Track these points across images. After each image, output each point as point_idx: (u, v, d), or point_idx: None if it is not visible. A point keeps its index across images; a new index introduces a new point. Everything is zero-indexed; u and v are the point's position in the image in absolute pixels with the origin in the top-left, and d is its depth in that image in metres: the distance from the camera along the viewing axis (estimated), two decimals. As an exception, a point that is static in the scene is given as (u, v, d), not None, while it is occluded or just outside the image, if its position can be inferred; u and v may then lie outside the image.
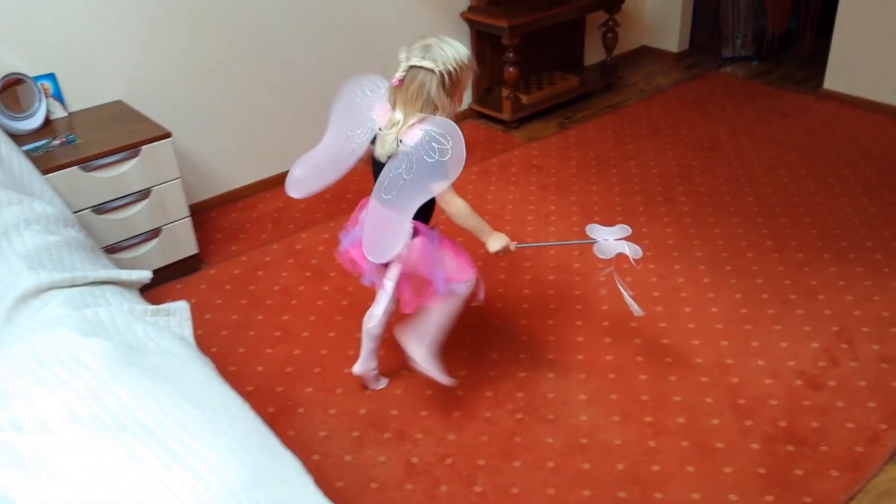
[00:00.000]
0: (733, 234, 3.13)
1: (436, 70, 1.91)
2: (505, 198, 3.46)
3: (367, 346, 2.31)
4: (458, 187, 1.99)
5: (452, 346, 2.55)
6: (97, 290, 1.80)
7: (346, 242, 2.20)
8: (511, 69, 3.99)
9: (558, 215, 3.32)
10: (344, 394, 2.39)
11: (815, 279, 2.84)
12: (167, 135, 2.77)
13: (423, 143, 1.88)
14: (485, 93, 4.33)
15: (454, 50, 1.96)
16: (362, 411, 2.32)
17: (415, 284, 2.12)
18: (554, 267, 2.96)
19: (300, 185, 2.13)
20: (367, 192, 2.05)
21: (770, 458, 2.12)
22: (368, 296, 2.82)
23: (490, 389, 2.39)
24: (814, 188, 3.45)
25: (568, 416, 2.28)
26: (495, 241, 2.08)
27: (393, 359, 2.44)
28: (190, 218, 2.94)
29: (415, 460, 2.15)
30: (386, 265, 2.11)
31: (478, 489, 2.06)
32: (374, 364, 2.36)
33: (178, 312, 1.82)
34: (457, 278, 2.11)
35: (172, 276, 2.96)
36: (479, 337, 2.60)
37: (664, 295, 2.78)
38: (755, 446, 2.15)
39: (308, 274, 3.00)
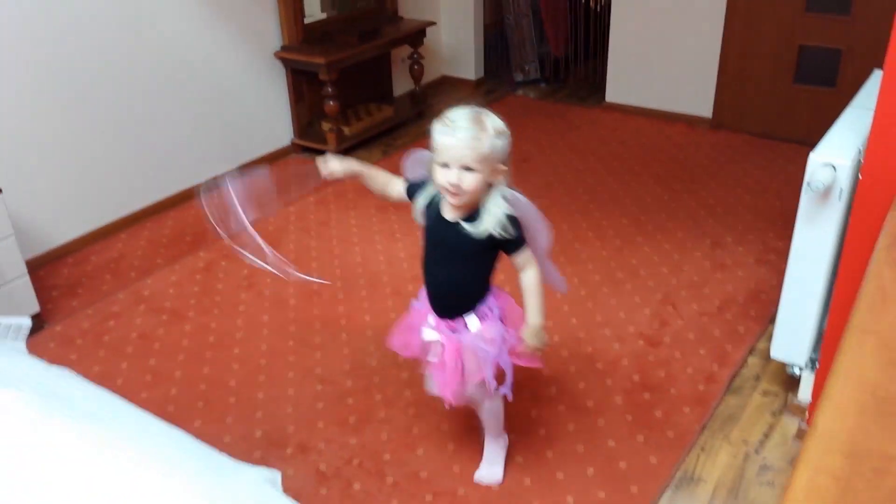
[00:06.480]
0: (559, 229, 3.50)
1: None
2: (348, 222, 3.60)
3: None
4: (305, 228, 2.09)
5: (333, 360, 2.63)
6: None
7: None
8: (331, 103, 4.15)
9: (402, 232, 3.50)
10: (235, 421, 2.39)
11: (634, 258, 3.26)
12: (-4, 189, 2.62)
13: None
14: (307, 127, 4.45)
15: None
16: (258, 433, 2.34)
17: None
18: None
19: None
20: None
21: (633, 406, 2.42)
22: (233, 328, 2.84)
23: (379, 393, 2.50)
24: (615, 185, 3.94)
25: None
26: None
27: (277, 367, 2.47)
28: (28, 276, 2.78)
29: (322, 467, 2.21)
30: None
31: (389, 480, 2.16)
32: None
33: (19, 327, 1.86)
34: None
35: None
36: (357, 349, 2.71)
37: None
38: (619, 399, 2.46)
39: (165, 317, 2.93)
